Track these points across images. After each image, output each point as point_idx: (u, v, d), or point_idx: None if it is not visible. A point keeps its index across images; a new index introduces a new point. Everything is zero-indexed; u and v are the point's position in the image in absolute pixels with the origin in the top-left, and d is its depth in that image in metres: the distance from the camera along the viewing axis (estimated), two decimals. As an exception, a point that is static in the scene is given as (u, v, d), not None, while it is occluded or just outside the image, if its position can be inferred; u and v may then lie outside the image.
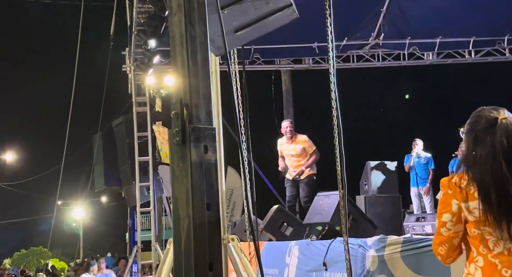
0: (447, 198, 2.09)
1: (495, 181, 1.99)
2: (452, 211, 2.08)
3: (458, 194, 2.06)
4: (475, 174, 2.03)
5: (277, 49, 9.59)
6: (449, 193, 2.09)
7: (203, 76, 1.90)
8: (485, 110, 2.11)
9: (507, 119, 2.05)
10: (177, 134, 1.83)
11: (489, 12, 8.83)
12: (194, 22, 1.88)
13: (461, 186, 2.06)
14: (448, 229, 2.09)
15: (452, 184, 2.09)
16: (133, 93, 9.23)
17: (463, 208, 2.05)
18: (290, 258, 5.23)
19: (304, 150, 7.48)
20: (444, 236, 2.11)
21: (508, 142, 2.01)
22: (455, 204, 2.07)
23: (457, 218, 2.07)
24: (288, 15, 3.03)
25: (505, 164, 1.98)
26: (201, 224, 1.83)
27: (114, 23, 8.79)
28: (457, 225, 2.08)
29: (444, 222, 2.10)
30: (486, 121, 2.06)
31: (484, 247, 2.04)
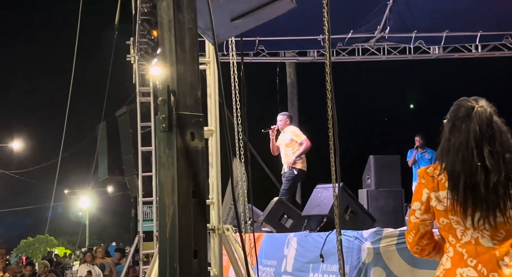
0: (420, 187, 2.12)
1: (465, 169, 1.98)
2: (422, 200, 2.10)
3: (430, 183, 2.08)
4: (447, 163, 2.03)
5: (282, 41, 9.54)
6: (422, 182, 2.11)
7: (191, 63, 1.88)
8: (465, 100, 2.11)
9: (483, 107, 2.05)
10: (163, 121, 1.83)
11: (497, 7, 8.73)
12: (183, 7, 1.87)
13: (434, 175, 2.07)
14: (416, 217, 2.11)
15: (426, 173, 2.11)
16: (137, 83, 9.24)
17: (433, 197, 2.07)
18: (288, 250, 5.24)
19: (292, 140, 7.37)
20: (412, 223, 2.14)
21: (481, 130, 2.00)
22: (425, 193, 2.09)
23: (425, 207, 2.10)
24: (285, 4, 3.01)
25: (476, 152, 1.98)
26: (187, 212, 1.82)
27: (119, 13, 8.78)
28: (425, 214, 2.10)
29: (414, 210, 2.13)
30: (464, 110, 2.07)
31: (453, 236, 2.05)
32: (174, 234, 1.79)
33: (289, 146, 7.39)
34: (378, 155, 8.59)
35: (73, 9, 10.31)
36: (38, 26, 38.81)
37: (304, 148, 7.27)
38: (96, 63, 20.59)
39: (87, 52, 10.09)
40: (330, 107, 2.81)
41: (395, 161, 8.53)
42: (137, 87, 9.31)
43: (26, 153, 27.76)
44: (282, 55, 10.24)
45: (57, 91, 34.41)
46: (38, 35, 39.50)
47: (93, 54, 18.49)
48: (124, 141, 9.71)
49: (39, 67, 41.54)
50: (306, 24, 8.77)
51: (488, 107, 2.06)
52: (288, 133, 7.43)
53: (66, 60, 11.21)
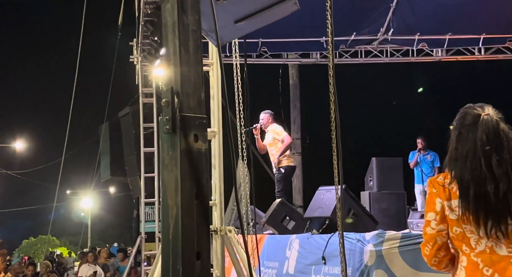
0: (431, 197, 2.08)
1: (474, 177, 1.97)
2: (436, 209, 2.06)
3: (442, 193, 2.05)
4: (456, 171, 2.01)
5: (284, 43, 9.54)
6: (434, 191, 2.08)
7: (195, 65, 1.89)
8: (471, 107, 2.09)
9: (489, 115, 2.03)
10: (167, 123, 1.83)
11: (500, 9, 8.71)
12: (187, 9, 1.87)
13: (445, 184, 2.05)
14: (432, 228, 2.08)
15: (436, 182, 2.08)
16: (140, 84, 9.26)
17: (446, 207, 2.04)
18: (290, 252, 5.24)
19: (274, 138, 7.34)
20: (428, 234, 2.10)
21: (488, 138, 1.98)
22: (438, 203, 2.06)
23: (440, 217, 2.06)
24: (289, 6, 3.01)
25: (484, 161, 1.96)
26: (190, 213, 1.83)
27: (122, 14, 8.80)
28: (441, 224, 2.07)
29: (428, 221, 2.09)
30: (470, 118, 2.05)
31: (467, 245, 2.02)
32: (177, 236, 1.80)
33: (272, 146, 7.36)
34: (380, 157, 8.58)
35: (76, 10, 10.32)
36: (41, 26, 38.90)
37: (286, 144, 7.23)
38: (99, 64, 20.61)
39: (90, 53, 10.10)
40: (333, 109, 2.81)
41: (398, 163, 8.53)
42: (140, 88, 9.34)
43: (28, 153, 27.81)
44: (284, 57, 10.24)
45: (60, 92, 34.47)
46: (41, 34, 39.61)
47: (96, 55, 18.52)
48: (126, 142, 9.73)
49: (42, 67, 41.64)
50: (309, 26, 8.77)
51: (495, 115, 2.04)
52: (270, 133, 7.40)
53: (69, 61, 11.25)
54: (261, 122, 7.43)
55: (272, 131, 7.40)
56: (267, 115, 7.50)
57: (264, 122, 7.42)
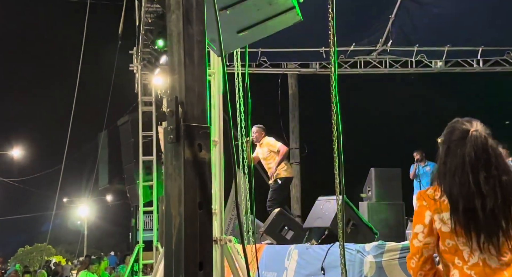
0: (421, 210, 2.09)
1: (462, 193, 1.98)
2: (424, 222, 2.06)
3: (432, 206, 2.06)
4: (445, 186, 2.03)
5: (284, 53, 9.59)
6: (424, 204, 2.08)
7: (199, 75, 1.89)
8: (459, 122, 2.11)
9: (477, 131, 2.04)
10: (171, 132, 1.83)
11: (498, 22, 8.78)
12: (192, 20, 1.88)
13: (435, 197, 2.06)
14: (419, 241, 2.07)
15: (427, 195, 2.09)
16: (139, 92, 9.27)
17: (437, 219, 2.04)
18: (289, 262, 5.22)
19: (270, 151, 7.35)
20: (415, 247, 2.09)
21: (476, 155, 2.00)
22: (428, 216, 2.06)
23: (428, 230, 2.06)
24: (291, 18, 3.03)
25: (472, 177, 1.98)
26: (193, 223, 1.82)
27: (122, 22, 8.83)
28: (428, 237, 2.06)
29: (416, 233, 2.09)
30: (458, 133, 2.06)
31: (460, 258, 2.02)
32: (180, 245, 1.79)
33: (269, 159, 7.36)
34: (379, 168, 8.58)
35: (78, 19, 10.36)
36: (41, 33, 38.99)
37: (282, 154, 7.24)
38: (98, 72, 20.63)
39: (90, 61, 10.12)
40: (334, 119, 2.82)
41: (396, 174, 8.53)
42: (139, 96, 9.34)
43: (24, 161, 27.73)
44: (284, 67, 10.28)
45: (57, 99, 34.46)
46: (41, 42, 39.67)
47: (96, 64, 18.55)
48: (125, 150, 9.72)
49: (40, 75, 41.67)
50: (309, 36, 8.82)
51: (483, 131, 2.06)
52: (264, 146, 7.42)
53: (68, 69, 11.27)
54: (254, 136, 7.43)
55: (266, 144, 7.41)
56: (259, 130, 7.49)
57: (256, 136, 7.44)
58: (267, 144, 7.41)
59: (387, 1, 8.70)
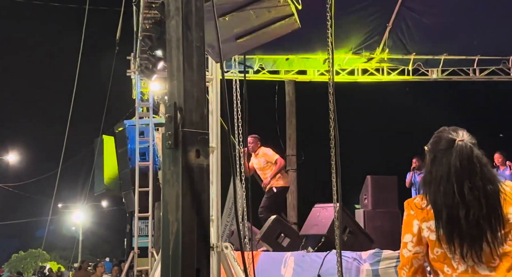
0: (409, 219, 2.08)
1: (446, 202, 1.98)
2: (413, 231, 2.06)
3: (419, 214, 2.05)
4: (430, 195, 2.03)
5: (282, 60, 9.60)
6: (411, 213, 2.08)
7: (198, 80, 1.89)
8: (445, 131, 2.10)
9: (463, 141, 2.04)
10: (169, 138, 1.83)
11: (495, 32, 8.84)
12: (191, 26, 1.88)
13: (422, 206, 2.06)
14: (409, 250, 2.06)
15: (413, 204, 2.08)
16: (136, 98, 9.27)
17: (425, 228, 2.03)
18: (285, 269, 5.20)
19: (267, 162, 7.41)
20: (405, 257, 2.09)
21: (461, 164, 2.00)
22: (415, 225, 2.05)
23: (417, 239, 2.05)
24: (289, 24, 3.04)
25: (457, 187, 1.98)
26: (190, 229, 1.82)
27: (120, 28, 8.84)
28: (417, 246, 2.06)
29: (405, 243, 2.08)
30: (444, 143, 2.06)
31: (449, 266, 2.01)
32: (177, 252, 1.78)
33: (266, 169, 7.41)
34: (375, 175, 8.58)
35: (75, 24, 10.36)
36: (38, 38, 38.99)
37: (279, 167, 7.32)
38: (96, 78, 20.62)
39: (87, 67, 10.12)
40: (332, 126, 2.82)
41: (393, 182, 8.52)
42: (136, 102, 9.34)
43: (19, 167, 27.62)
44: (281, 74, 10.29)
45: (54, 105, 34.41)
46: (38, 47, 39.66)
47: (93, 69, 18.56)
48: (121, 156, 9.69)
49: (37, 80, 41.63)
50: (306, 43, 8.85)
51: (469, 141, 2.05)
52: (261, 157, 7.47)
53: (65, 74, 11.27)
54: (250, 146, 7.46)
55: (262, 155, 7.45)
56: (255, 140, 7.52)
57: (252, 146, 7.48)
58: (264, 154, 7.46)
59: (384, 10, 8.74)
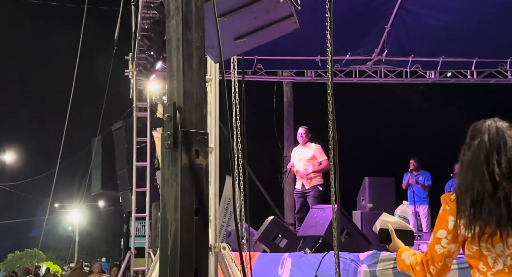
0: (444, 214, 2.01)
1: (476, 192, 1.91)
2: (448, 228, 1.99)
3: (455, 211, 1.98)
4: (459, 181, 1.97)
5: (280, 61, 9.61)
6: (447, 209, 2.01)
7: (198, 81, 1.89)
8: (481, 121, 2.06)
9: (494, 121, 2.01)
10: (168, 138, 1.82)
11: (493, 34, 8.85)
12: (191, 25, 1.88)
13: None
14: (443, 247, 1.99)
15: (449, 199, 2.02)
16: (134, 98, 9.26)
17: (461, 225, 1.96)
18: (282, 270, 5.20)
19: (315, 156, 7.38)
20: (438, 254, 2.00)
21: (490, 140, 1.95)
22: (451, 221, 1.98)
23: (452, 236, 1.99)
24: (289, 25, 3.03)
25: (486, 166, 1.92)
26: (189, 229, 1.81)
27: (118, 28, 8.83)
28: (452, 243, 1.99)
29: (439, 239, 2.00)
30: (477, 129, 2.03)
31: (484, 264, 1.95)
32: (176, 252, 1.78)
33: (309, 161, 7.38)
34: (373, 177, 8.60)
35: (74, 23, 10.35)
36: (36, 38, 38.92)
37: (325, 166, 7.20)
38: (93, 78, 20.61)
39: (85, 67, 10.11)
40: (331, 128, 2.82)
41: (390, 183, 8.56)
42: (134, 102, 9.33)
43: (16, 166, 27.54)
44: (280, 75, 10.30)
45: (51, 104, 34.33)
46: (36, 46, 39.56)
47: (91, 68, 18.53)
48: (119, 156, 9.67)
49: (35, 79, 41.53)
50: (304, 44, 8.85)
51: (500, 121, 2.01)
52: (312, 149, 7.45)
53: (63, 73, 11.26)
54: (303, 136, 7.56)
55: (315, 149, 7.43)
56: (308, 131, 7.62)
57: (304, 137, 7.56)
58: (316, 148, 7.45)
59: (383, 11, 8.75)
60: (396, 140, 18.42)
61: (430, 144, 17.36)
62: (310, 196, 7.27)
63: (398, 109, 17.96)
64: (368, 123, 20.04)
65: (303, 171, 7.39)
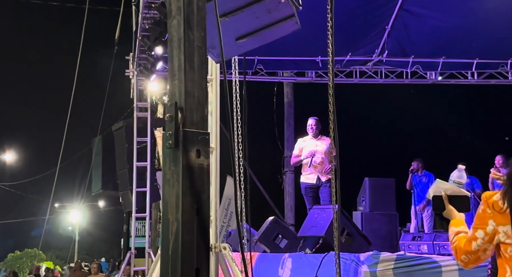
0: (485, 216, 2.10)
1: None
2: (487, 231, 2.09)
3: (497, 216, 2.07)
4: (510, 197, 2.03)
5: (280, 61, 9.61)
6: (488, 212, 2.09)
7: (199, 80, 1.89)
8: None
9: None
10: (170, 137, 1.82)
11: (494, 35, 8.85)
12: (193, 25, 1.88)
13: (501, 207, 2.06)
14: (478, 245, 2.11)
15: (492, 202, 2.09)
16: (134, 98, 9.26)
17: (501, 232, 2.07)
18: (283, 271, 5.20)
19: (329, 149, 6.99)
20: (473, 250, 2.13)
21: None
22: (491, 225, 2.08)
23: (489, 238, 2.10)
24: (290, 25, 3.04)
25: None
26: (190, 229, 1.81)
27: (119, 28, 8.84)
28: (486, 244, 2.11)
29: (476, 237, 2.12)
30: None
31: None
32: (177, 251, 1.78)
33: (326, 153, 7.10)
34: (373, 178, 8.58)
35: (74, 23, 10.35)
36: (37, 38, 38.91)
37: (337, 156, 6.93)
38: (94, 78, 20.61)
39: (86, 67, 10.13)
40: (332, 128, 2.82)
41: (390, 184, 8.53)
42: (134, 102, 9.34)
43: (16, 166, 27.54)
44: (280, 75, 10.30)
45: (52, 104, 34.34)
46: (36, 46, 39.57)
47: (92, 69, 18.55)
48: (119, 156, 9.68)
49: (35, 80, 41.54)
50: (305, 45, 8.85)
51: None
52: (326, 141, 7.11)
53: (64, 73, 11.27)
54: (313, 128, 7.19)
55: (327, 141, 7.06)
56: (318, 123, 7.20)
57: (315, 128, 7.21)
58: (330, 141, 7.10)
59: (383, 12, 8.75)
60: (397, 140, 18.42)
61: (431, 145, 17.37)
62: (326, 188, 6.93)
63: (398, 110, 17.96)
64: (368, 124, 20.05)
65: (322, 165, 7.07)
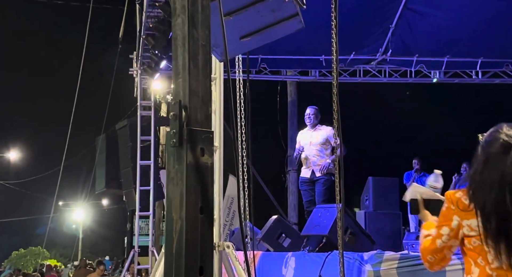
0: (449, 212, 2.09)
1: (497, 211, 1.95)
2: (451, 226, 2.08)
3: (460, 211, 2.06)
4: (478, 197, 2.00)
5: (284, 60, 9.60)
6: (452, 208, 2.08)
7: (204, 79, 1.89)
8: (502, 132, 2.02)
9: None
10: (174, 136, 1.83)
11: (498, 34, 8.83)
12: (197, 24, 1.88)
13: (465, 204, 2.05)
14: (443, 242, 2.10)
15: (455, 199, 2.07)
16: (138, 96, 9.28)
17: (465, 225, 2.05)
18: (286, 270, 5.20)
19: (328, 140, 6.52)
20: (438, 248, 2.12)
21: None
22: (455, 220, 2.07)
23: (454, 234, 2.08)
24: (294, 24, 3.03)
25: (509, 196, 1.93)
26: (194, 228, 1.82)
27: (123, 27, 8.85)
28: (452, 240, 2.10)
29: (441, 234, 2.11)
30: (499, 146, 2.00)
31: (483, 259, 2.01)
32: (181, 250, 1.78)
33: (323, 145, 6.56)
34: (377, 177, 8.57)
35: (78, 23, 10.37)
36: (41, 36, 39.06)
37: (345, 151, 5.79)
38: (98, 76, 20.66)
39: (90, 66, 10.15)
40: (336, 127, 2.81)
41: (394, 184, 8.52)
42: (138, 100, 9.35)
43: (21, 164, 27.63)
44: (284, 74, 10.30)
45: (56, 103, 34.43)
46: (41, 45, 39.69)
47: (96, 68, 18.60)
48: (123, 154, 9.70)
49: (40, 78, 41.67)
50: (309, 44, 8.84)
51: None
52: (323, 131, 6.59)
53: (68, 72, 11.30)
54: (311, 117, 6.68)
55: (329, 130, 6.49)
56: (317, 112, 6.70)
57: (313, 118, 6.69)
58: (329, 130, 6.47)
59: (387, 11, 8.73)
60: (401, 139, 18.39)
61: (435, 144, 17.34)
62: (320, 183, 6.54)
63: (402, 109, 17.93)
64: (372, 122, 20.02)
65: (317, 158, 6.55)
